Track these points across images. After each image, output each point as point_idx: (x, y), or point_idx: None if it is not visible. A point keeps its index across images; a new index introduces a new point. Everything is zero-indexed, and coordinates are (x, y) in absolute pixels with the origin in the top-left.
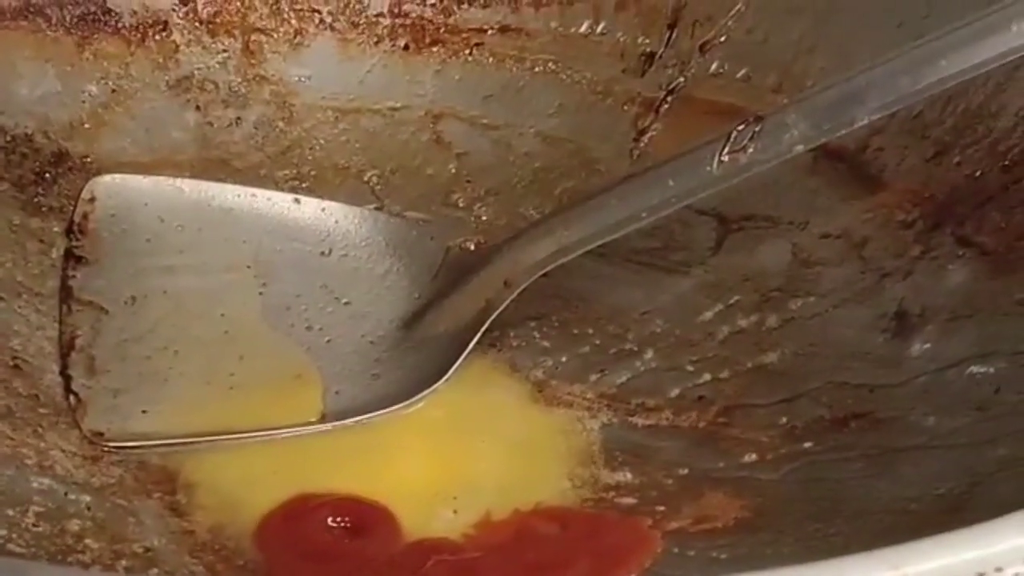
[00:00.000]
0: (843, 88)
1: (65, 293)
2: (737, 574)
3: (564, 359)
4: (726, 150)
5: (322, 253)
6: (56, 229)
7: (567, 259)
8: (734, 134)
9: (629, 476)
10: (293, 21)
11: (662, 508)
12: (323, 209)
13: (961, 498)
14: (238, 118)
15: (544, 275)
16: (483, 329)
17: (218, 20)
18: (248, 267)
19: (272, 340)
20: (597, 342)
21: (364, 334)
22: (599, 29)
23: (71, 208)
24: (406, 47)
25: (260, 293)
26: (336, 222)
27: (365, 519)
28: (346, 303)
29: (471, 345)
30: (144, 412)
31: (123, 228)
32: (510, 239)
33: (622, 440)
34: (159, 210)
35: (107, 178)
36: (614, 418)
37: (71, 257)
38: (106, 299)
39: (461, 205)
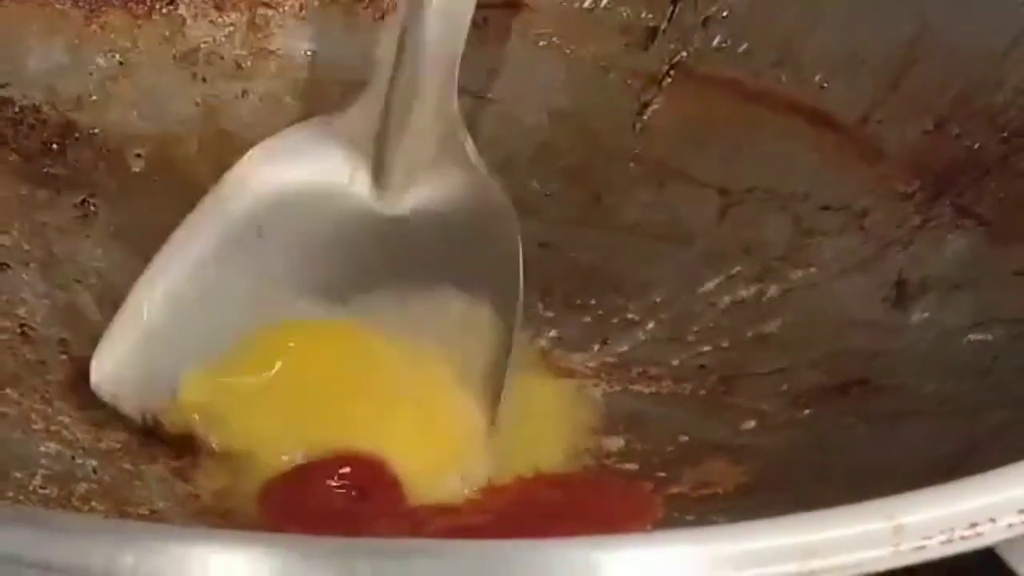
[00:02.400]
0: None
1: None
2: (733, 523)
3: (566, 329)
4: None
5: None
6: (63, 199)
7: None
8: None
9: (630, 443)
10: None
11: (663, 474)
12: None
13: (959, 462)
14: (244, 91)
15: (546, 247)
16: None
17: None
18: None
19: None
20: (599, 312)
21: None
22: (603, 4)
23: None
24: None
25: None
26: None
27: (370, 483)
28: None
29: None
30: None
31: None
32: None
33: (624, 408)
34: None
35: None
36: (616, 386)
37: None
38: None
39: None
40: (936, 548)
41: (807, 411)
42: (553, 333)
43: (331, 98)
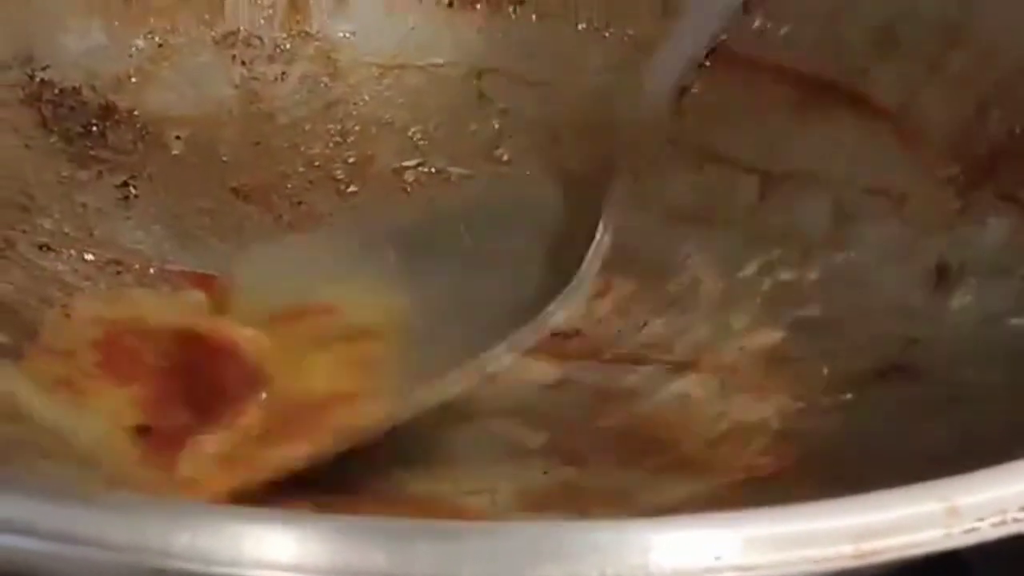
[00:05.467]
0: None
1: None
2: (784, 506)
3: (609, 312)
4: None
5: None
6: (103, 181)
7: None
8: None
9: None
10: None
11: (704, 456)
12: None
13: (1002, 447)
14: (283, 73)
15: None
16: None
17: None
18: None
19: None
20: (639, 295)
21: None
22: None
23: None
24: (450, 4)
25: None
26: None
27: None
28: None
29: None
30: None
31: None
32: None
33: (666, 390)
34: None
35: None
36: (658, 368)
37: None
38: None
39: (505, 160)
40: (988, 530)
41: (848, 396)
42: (596, 316)
43: (370, 80)
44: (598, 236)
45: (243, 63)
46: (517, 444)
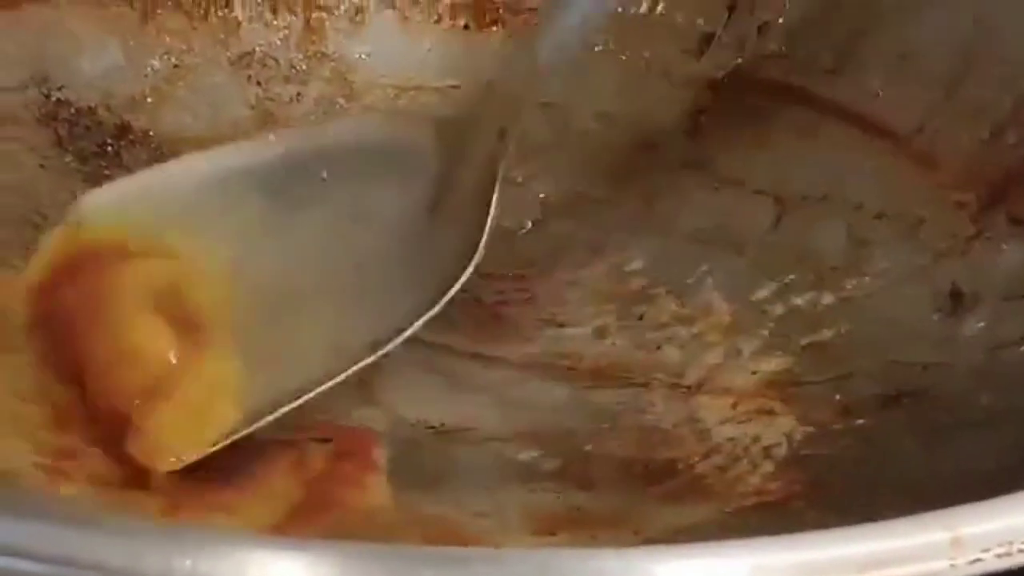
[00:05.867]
0: None
1: None
2: (789, 535)
3: (621, 336)
4: None
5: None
6: None
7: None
8: None
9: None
10: None
11: (711, 482)
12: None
13: (1015, 475)
14: (298, 94)
15: (599, 252)
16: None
17: None
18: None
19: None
20: (652, 318)
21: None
22: (658, 10)
23: None
24: (466, 26)
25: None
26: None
27: None
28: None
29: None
30: None
31: None
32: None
33: (676, 414)
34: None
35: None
36: (669, 391)
37: None
38: None
39: (519, 181)
40: (993, 561)
41: (860, 421)
42: (608, 341)
43: (385, 101)
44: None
45: (258, 83)
46: (526, 467)
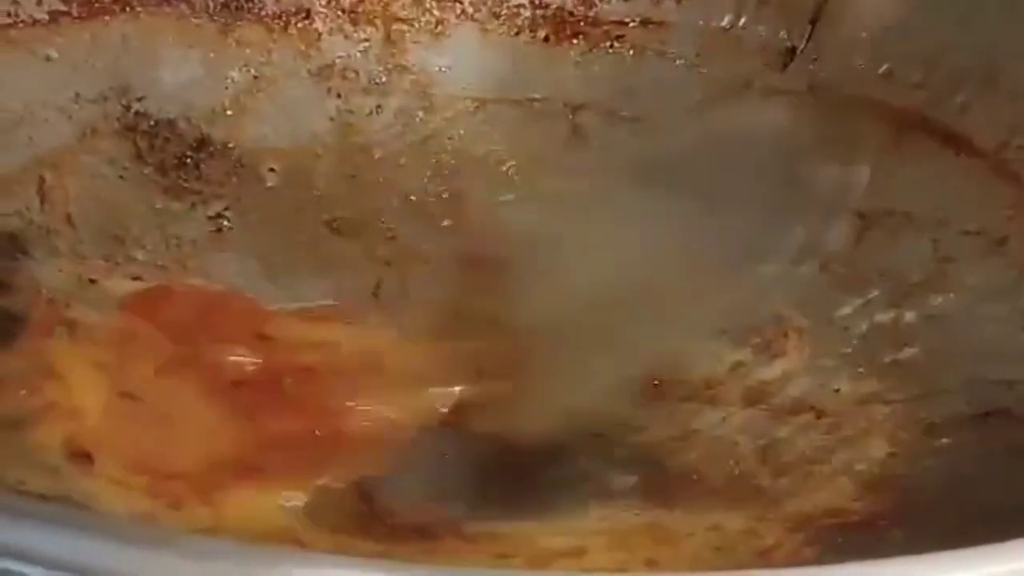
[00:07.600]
0: None
1: None
2: (875, 560)
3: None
4: None
5: None
6: (196, 213)
7: None
8: None
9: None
10: (435, 11)
11: (796, 500)
12: None
13: None
14: (378, 106)
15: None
16: None
17: (360, 9)
18: None
19: None
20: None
21: None
22: (740, 23)
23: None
24: (546, 39)
25: None
26: None
27: None
28: None
29: None
30: None
31: None
32: None
33: (759, 432)
34: None
35: None
36: (752, 410)
37: None
38: None
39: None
40: None
41: (944, 440)
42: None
43: (465, 114)
44: None
45: (338, 96)
46: (605, 484)
